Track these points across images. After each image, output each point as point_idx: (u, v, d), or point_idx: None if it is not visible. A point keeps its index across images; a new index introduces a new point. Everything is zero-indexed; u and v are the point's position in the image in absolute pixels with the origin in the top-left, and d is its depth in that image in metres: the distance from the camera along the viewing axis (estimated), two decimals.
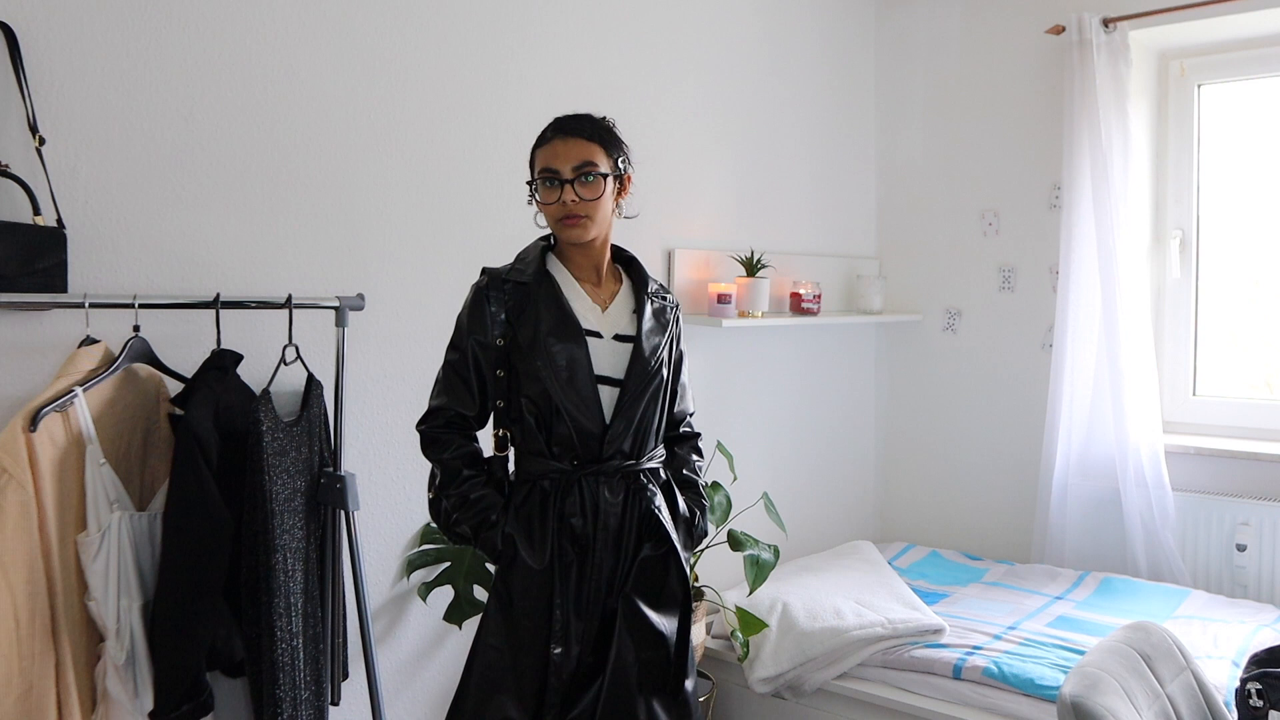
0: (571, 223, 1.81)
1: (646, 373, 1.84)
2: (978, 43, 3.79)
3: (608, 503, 1.83)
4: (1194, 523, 3.36)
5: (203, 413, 1.89)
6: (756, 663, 2.81)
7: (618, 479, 1.84)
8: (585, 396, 1.81)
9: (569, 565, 1.82)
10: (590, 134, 1.84)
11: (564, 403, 1.80)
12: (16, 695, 1.67)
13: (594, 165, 1.81)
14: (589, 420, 1.81)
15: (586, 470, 1.82)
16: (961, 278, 3.87)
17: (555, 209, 1.82)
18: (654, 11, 3.12)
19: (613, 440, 1.82)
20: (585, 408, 1.81)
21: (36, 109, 1.85)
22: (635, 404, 1.83)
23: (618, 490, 1.84)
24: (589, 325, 1.84)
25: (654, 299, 1.92)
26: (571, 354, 1.81)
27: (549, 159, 1.82)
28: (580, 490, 1.82)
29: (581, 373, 1.80)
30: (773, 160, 3.58)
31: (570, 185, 1.79)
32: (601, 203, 1.82)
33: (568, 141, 1.81)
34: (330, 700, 2.17)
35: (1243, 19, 3.26)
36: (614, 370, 1.84)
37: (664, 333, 1.90)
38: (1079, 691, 1.70)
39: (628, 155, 1.91)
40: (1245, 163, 3.54)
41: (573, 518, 1.81)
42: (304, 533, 2.07)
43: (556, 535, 1.82)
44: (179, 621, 1.83)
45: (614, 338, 1.86)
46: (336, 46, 2.34)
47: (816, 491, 3.80)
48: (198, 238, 2.12)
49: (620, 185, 1.88)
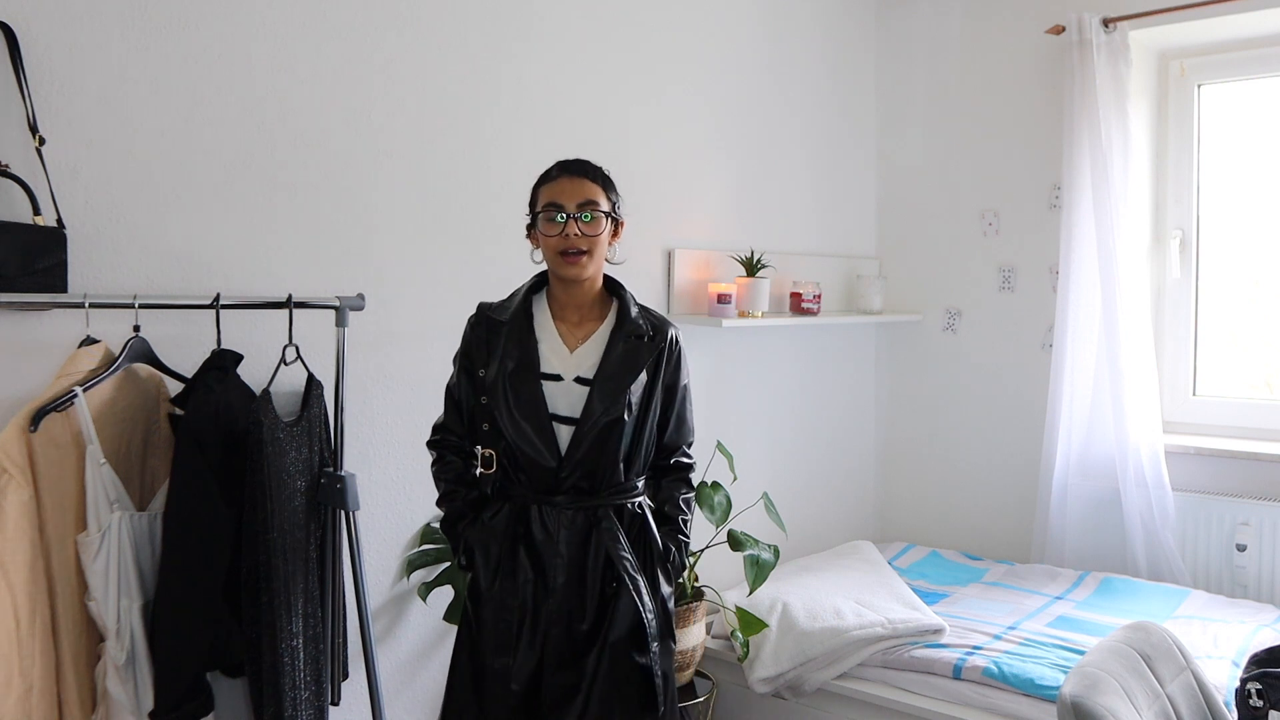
0: (572, 259, 1.91)
1: (598, 415, 1.91)
2: (978, 43, 3.79)
3: (565, 529, 1.92)
4: (1194, 523, 3.35)
5: (203, 413, 1.89)
6: (756, 663, 2.81)
7: (575, 511, 1.93)
8: (538, 435, 1.91)
9: (525, 584, 1.92)
10: (594, 176, 1.96)
11: (517, 440, 1.92)
12: (17, 695, 1.67)
13: (596, 204, 1.92)
14: (541, 457, 1.91)
15: (545, 500, 1.93)
16: (961, 278, 3.87)
17: (556, 241, 1.92)
18: (654, 12, 3.12)
19: (568, 476, 1.92)
20: (536, 446, 1.91)
21: (36, 109, 1.85)
22: (586, 443, 1.91)
23: (576, 520, 1.93)
24: (551, 368, 1.94)
25: (630, 337, 1.97)
26: (527, 395, 1.91)
27: (554, 194, 1.93)
28: (541, 514, 1.93)
29: (535, 413, 1.90)
30: (773, 160, 3.58)
31: (573, 220, 1.90)
32: (600, 240, 1.93)
33: (574, 180, 1.93)
34: (330, 700, 2.17)
35: (1243, 19, 3.26)
36: (571, 410, 1.93)
37: (634, 373, 1.94)
38: (1079, 691, 1.70)
39: (622, 203, 2.02)
40: (1245, 163, 3.54)
41: (536, 532, 1.93)
42: (304, 533, 2.07)
43: (511, 553, 1.93)
44: (179, 621, 1.83)
45: (575, 379, 1.94)
46: (336, 46, 2.34)
47: (816, 491, 3.80)
48: (198, 238, 2.12)
49: (615, 228, 1.99)
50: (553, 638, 1.92)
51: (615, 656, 1.92)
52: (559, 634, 1.92)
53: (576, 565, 1.92)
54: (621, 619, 1.92)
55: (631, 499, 1.99)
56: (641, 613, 1.93)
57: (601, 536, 1.92)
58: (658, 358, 1.99)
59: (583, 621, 1.92)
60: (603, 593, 1.93)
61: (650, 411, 1.99)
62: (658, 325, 2.02)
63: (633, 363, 1.95)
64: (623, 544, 1.94)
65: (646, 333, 1.99)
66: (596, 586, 1.93)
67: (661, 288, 3.16)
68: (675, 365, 2.03)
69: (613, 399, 1.91)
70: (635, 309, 2.02)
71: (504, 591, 1.92)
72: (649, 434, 2.00)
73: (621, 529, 1.95)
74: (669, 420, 2.05)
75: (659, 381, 2.00)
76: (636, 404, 1.95)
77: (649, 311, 2.05)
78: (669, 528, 2.06)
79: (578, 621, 1.93)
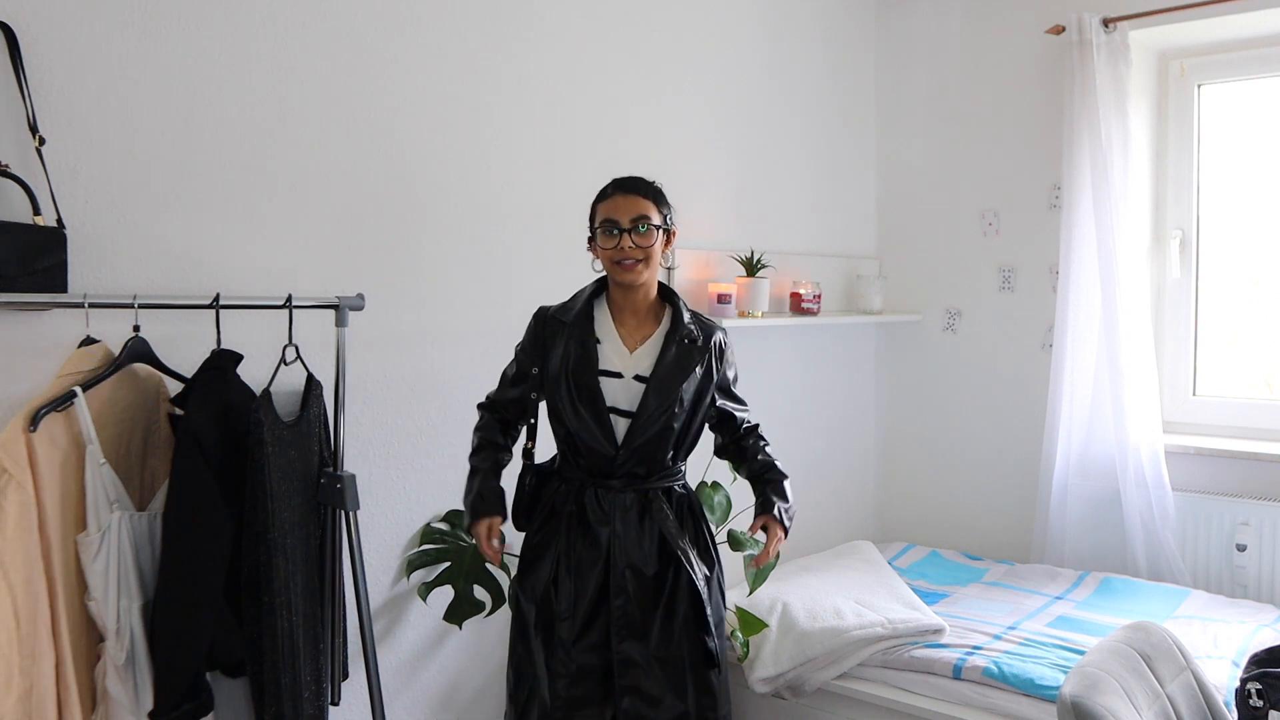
0: (628, 266, 2.10)
1: (653, 410, 2.10)
2: (978, 43, 3.79)
3: (620, 510, 2.13)
4: (1194, 523, 3.35)
5: (203, 413, 1.89)
6: (756, 663, 2.81)
7: (630, 493, 2.13)
8: (597, 425, 2.10)
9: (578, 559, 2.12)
10: (645, 192, 2.14)
11: (577, 428, 2.11)
12: (17, 695, 1.67)
13: (648, 218, 2.10)
14: (599, 445, 2.11)
15: (601, 483, 2.14)
16: (961, 278, 3.87)
17: (613, 253, 2.11)
18: (655, 12, 3.12)
19: (623, 463, 2.11)
20: (595, 435, 2.10)
21: (36, 109, 1.85)
22: (642, 434, 2.10)
23: (631, 501, 2.14)
24: (611, 366, 2.13)
25: (682, 341, 2.15)
26: (587, 389, 2.10)
27: (610, 211, 2.12)
28: (597, 495, 2.14)
29: (593, 405, 2.10)
30: (773, 160, 3.58)
31: (627, 234, 2.08)
32: (653, 250, 2.12)
33: (628, 198, 2.12)
34: (330, 700, 2.17)
35: (1243, 19, 3.26)
36: (630, 404, 2.12)
37: (687, 373, 2.14)
38: (1079, 691, 1.70)
39: (674, 214, 2.19)
40: (1245, 163, 3.54)
41: (591, 512, 2.13)
42: (304, 533, 2.07)
43: (567, 528, 2.14)
44: (179, 621, 1.83)
45: (634, 377, 2.13)
46: (336, 46, 2.34)
47: (816, 491, 3.80)
48: (198, 238, 2.12)
49: (667, 238, 2.17)
50: (616, 608, 2.10)
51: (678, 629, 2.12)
52: (621, 604, 2.11)
53: (634, 542, 2.12)
54: (682, 594, 2.13)
55: (678, 482, 2.21)
56: (696, 584, 2.12)
57: (655, 516, 2.13)
58: (707, 359, 2.18)
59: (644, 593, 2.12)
60: (659, 563, 2.13)
61: (701, 406, 2.18)
62: (706, 329, 2.22)
63: (685, 364, 2.14)
64: (672, 521, 2.15)
65: (697, 337, 2.18)
66: (653, 559, 2.13)
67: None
68: (723, 361, 2.24)
69: (666, 395, 2.11)
70: (688, 315, 2.21)
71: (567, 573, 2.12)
72: (696, 426, 2.20)
73: (671, 508, 2.16)
74: (729, 403, 2.28)
75: (712, 380, 2.20)
76: (688, 401, 2.14)
77: (699, 317, 2.24)
78: (773, 474, 2.28)
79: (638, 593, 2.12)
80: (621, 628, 2.10)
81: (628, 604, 2.11)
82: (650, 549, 2.13)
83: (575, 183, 2.76)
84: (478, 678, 2.74)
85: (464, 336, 2.64)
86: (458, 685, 2.68)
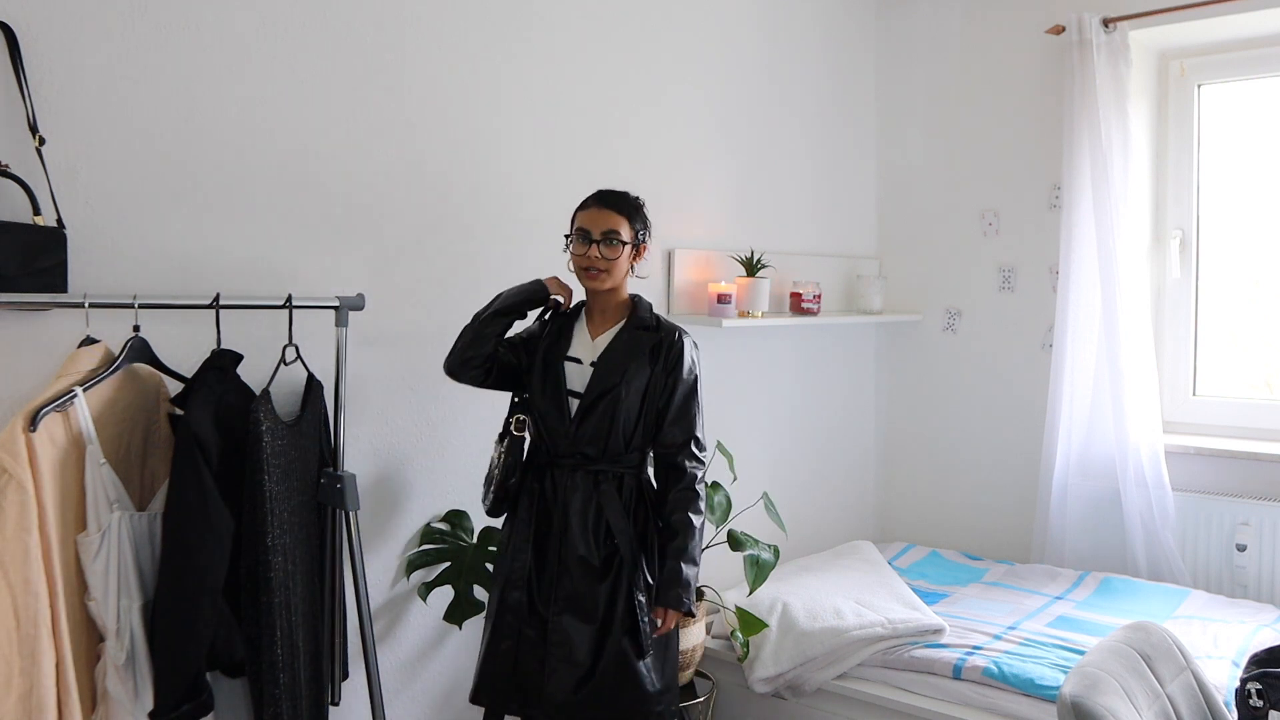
0: (591, 276, 2.24)
1: (597, 387, 2.23)
2: (978, 43, 3.79)
3: (570, 484, 2.24)
4: (1194, 523, 3.36)
5: (203, 413, 1.89)
6: (756, 663, 2.81)
7: (580, 472, 2.25)
8: (554, 405, 2.26)
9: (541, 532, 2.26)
10: (621, 208, 2.26)
11: (544, 410, 2.27)
12: (17, 695, 1.67)
13: (617, 233, 2.23)
14: (556, 423, 2.26)
15: (557, 462, 2.27)
16: (961, 278, 3.87)
17: (581, 259, 2.25)
18: (655, 12, 3.12)
19: (576, 441, 2.24)
20: (553, 414, 2.26)
21: (36, 109, 1.85)
22: (588, 411, 2.23)
23: (582, 481, 2.24)
24: (575, 353, 2.30)
25: (634, 331, 2.28)
26: (552, 372, 2.27)
27: (585, 220, 2.25)
28: (553, 475, 2.27)
29: (555, 386, 2.26)
30: (773, 160, 3.58)
31: (597, 244, 2.22)
32: (618, 263, 2.25)
33: (602, 211, 2.25)
34: (330, 700, 2.17)
35: (1243, 19, 3.26)
36: (583, 386, 2.26)
37: (632, 356, 2.25)
38: (1079, 691, 1.70)
39: (649, 230, 2.32)
40: (1245, 163, 3.54)
41: (547, 489, 2.26)
42: (304, 533, 2.07)
43: (528, 504, 2.27)
44: (179, 621, 1.83)
45: (590, 364, 2.27)
46: (336, 46, 2.34)
47: (816, 491, 3.80)
48: (198, 238, 2.12)
49: (636, 251, 2.30)
50: (562, 583, 2.22)
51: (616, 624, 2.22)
52: (568, 580, 2.22)
53: (581, 516, 2.23)
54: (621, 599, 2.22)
55: (629, 471, 2.28)
56: (634, 591, 2.23)
57: (601, 498, 2.23)
58: (656, 347, 2.27)
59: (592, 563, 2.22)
60: (604, 546, 2.23)
61: (650, 395, 2.26)
62: (666, 327, 2.31)
63: (632, 348, 2.26)
64: (618, 508, 2.24)
65: (652, 325, 2.30)
66: (601, 538, 2.23)
67: (661, 288, 3.16)
68: (675, 359, 2.28)
69: (609, 373, 2.23)
70: (648, 315, 2.32)
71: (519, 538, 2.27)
72: (647, 416, 2.27)
73: (619, 496, 2.25)
74: (670, 409, 2.28)
75: (657, 368, 2.27)
76: (635, 384, 2.24)
77: (663, 320, 2.33)
78: (674, 556, 2.24)
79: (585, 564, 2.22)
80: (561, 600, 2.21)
81: (572, 583, 2.21)
82: (597, 531, 2.22)
83: (576, 183, 2.76)
84: None
85: None
86: (458, 685, 2.68)
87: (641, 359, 2.25)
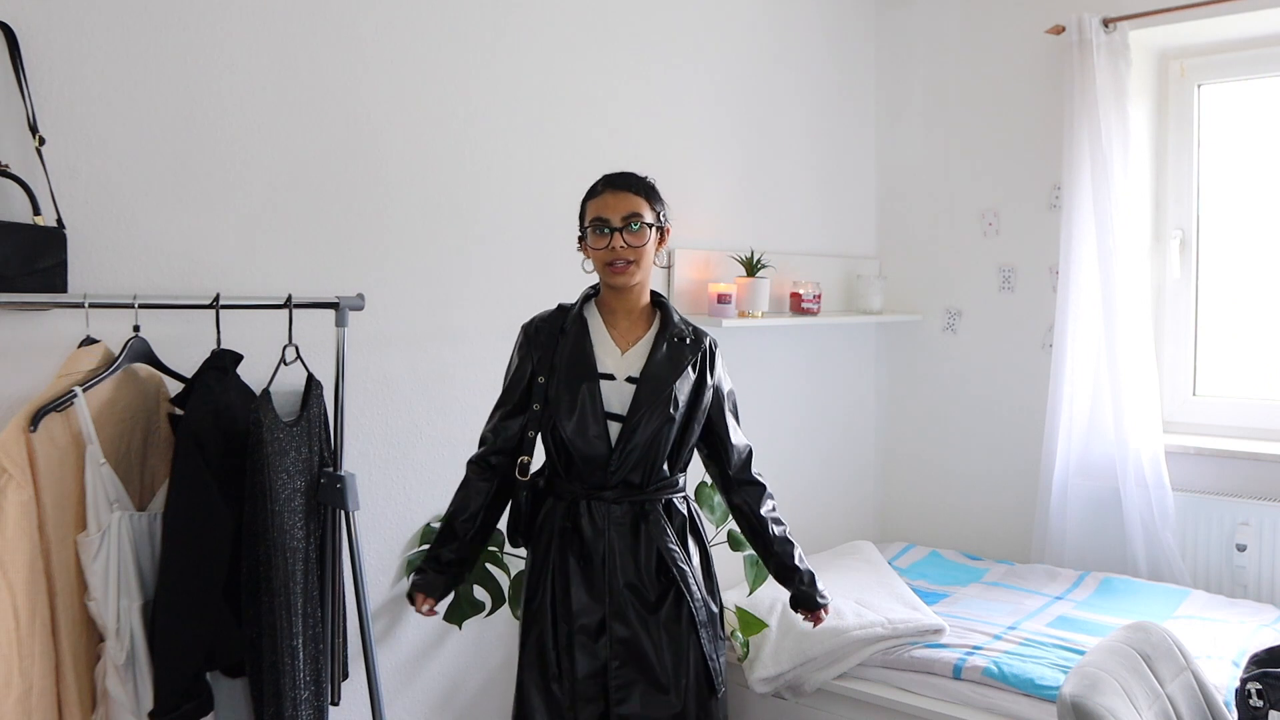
0: (619, 269, 2.01)
1: (644, 410, 2.00)
2: (978, 42, 3.79)
3: (614, 523, 2.02)
4: (1194, 523, 3.35)
5: (203, 413, 1.89)
6: (756, 663, 2.81)
7: (624, 504, 2.03)
8: (592, 431, 2.00)
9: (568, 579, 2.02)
10: (637, 189, 2.04)
11: (572, 436, 2.01)
12: (17, 695, 1.67)
13: (640, 216, 2.01)
14: (594, 451, 2.01)
15: (594, 495, 2.03)
16: (961, 278, 3.87)
17: (604, 254, 2.01)
18: (655, 11, 3.12)
19: (616, 470, 2.01)
20: (591, 440, 2.00)
21: (36, 109, 1.85)
22: (634, 437, 2.00)
23: (625, 514, 2.03)
24: (605, 368, 2.04)
25: (672, 340, 2.07)
26: (585, 393, 2.00)
27: (600, 209, 2.02)
28: (590, 509, 2.03)
29: (592, 409, 2.00)
30: (773, 160, 3.58)
31: (619, 233, 1.99)
32: (645, 250, 2.02)
33: (618, 195, 2.02)
34: (330, 700, 2.17)
35: (1243, 19, 3.26)
36: (621, 407, 2.02)
37: (678, 371, 2.04)
38: (1079, 691, 1.70)
39: (667, 211, 2.10)
40: (1245, 163, 3.54)
41: (585, 527, 2.02)
42: (304, 533, 2.07)
43: (560, 546, 2.03)
44: (179, 621, 1.83)
45: (626, 379, 2.04)
46: (336, 46, 2.34)
47: (817, 492, 3.80)
48: (198, 238, 2.12)
49: (660, 236, 2.08)
50: (615, 631, 2.01)
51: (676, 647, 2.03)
52: (620, 628, 2.01)
53: (630, 557, 2.01)
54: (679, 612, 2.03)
55: (678, 495, 2.10)
56: (691, 605, 2.03)
57: (650, 529, 2.02)
58: (700, 361, 2.10)
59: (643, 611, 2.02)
60: (659, 583, 2.03)
61: (698, 409, 2.10)
62: (697, 332, 2.14)
63: (677, 362, 2.05)
64: (670, 536, 2.04)
65: (687, 335, 2.10)
66: (651, 578, 2.03)
67: (661, 288, 3.15)
68: (714, 369, 2.14)
69: (657, 394, 2.01)
70: (677, 317, 2.14)
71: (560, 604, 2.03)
72: (694, 432, 2.11)
73: (670, 523, 2.05)
74: (725, 422, 2.16)
75: (706, 384, 2.11)
76: (683, 401, 2.05)
77: (689, 322, 2.16)
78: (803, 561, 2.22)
79: (638, 613, 2.02)
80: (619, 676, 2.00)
81: (628, 636, 2.01)
82: (649, 569, 2.02)
83: (575, 182, 2.75)
84: (478, 678, 2.74)
85: (464, 336, 2.64)
86: (458, 685, 2.68)
87: (686, 373, 2.06)
